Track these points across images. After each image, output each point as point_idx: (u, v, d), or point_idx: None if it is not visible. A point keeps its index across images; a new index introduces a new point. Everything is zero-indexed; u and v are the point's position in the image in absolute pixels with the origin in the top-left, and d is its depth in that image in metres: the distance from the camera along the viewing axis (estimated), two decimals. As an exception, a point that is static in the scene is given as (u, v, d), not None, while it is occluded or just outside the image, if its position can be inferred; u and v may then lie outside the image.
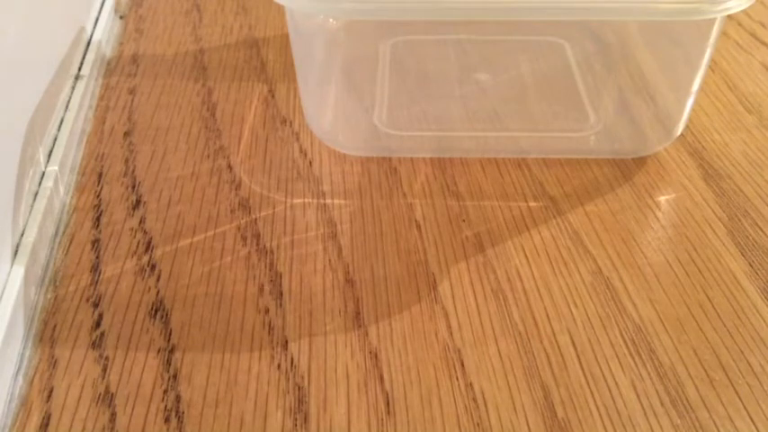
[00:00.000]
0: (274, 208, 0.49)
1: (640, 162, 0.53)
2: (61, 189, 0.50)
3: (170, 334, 0.41)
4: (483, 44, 0.63)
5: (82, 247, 0.46)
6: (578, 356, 0.40)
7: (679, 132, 0.53)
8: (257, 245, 0.46)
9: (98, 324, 0.42)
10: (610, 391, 0.38)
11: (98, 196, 0.50)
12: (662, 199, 0.50)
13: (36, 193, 0.47)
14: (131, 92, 0.60)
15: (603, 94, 0.58)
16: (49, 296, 0.43)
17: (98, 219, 0.48)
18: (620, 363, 0.40)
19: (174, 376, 0.39)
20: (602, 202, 0.49)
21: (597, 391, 0.38)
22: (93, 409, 0.38)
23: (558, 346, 0.41)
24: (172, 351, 0.40)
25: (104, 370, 0.40)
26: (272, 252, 0.46)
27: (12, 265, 0.42)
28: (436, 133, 0.55)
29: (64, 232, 0.48)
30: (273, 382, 0.39)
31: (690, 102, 0.51)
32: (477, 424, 0.37)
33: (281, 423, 0.37)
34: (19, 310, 0.40)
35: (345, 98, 0.58)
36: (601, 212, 0.49)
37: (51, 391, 0.39)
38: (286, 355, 0.40)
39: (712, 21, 0.46)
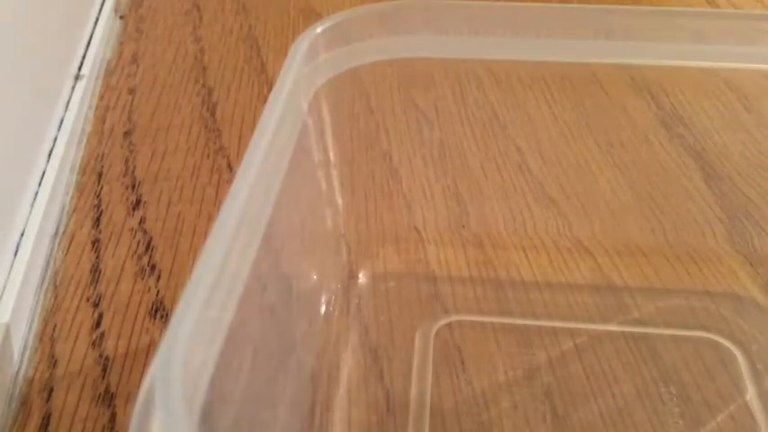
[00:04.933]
0: (274, 208, 0.49)
1: (640, 162, 0.53)
2: (61, 189, 0.49)
3: (170, 334, 0.41)
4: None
5: (82, 247, 0.46)
6: (578, 355, 0.40)
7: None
8: (257, 245, 0.46)
9: (98, 324, 0.42)
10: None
11: (98, 196, 0.50)
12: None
13: (36, 193, 0.47)
14: (131, 92, 0.60)
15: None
16: (48, 296, 0.43)
17: (98, 219, 0.48)
18: (620, 361, 0.40)
19: (175, 376, 0.39)
20: (602, 203, 0.49)
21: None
22: (93, 409, 0.38)
23: (559, 344, 0.40)
24: (172, 351, 0.40)
25: (104, 370, 0.40)
26: (272, 252, 0.46)
27: (12, 265, 0.42)
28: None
29: (64, 232, 0.47)
30: (274, 381, 0.39)
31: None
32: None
33: (281, 423, 0.37)
34: (19, 310, 0.40)
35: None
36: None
37: (51, 391, 0.38)
38: (286, 354, 0.40)
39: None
